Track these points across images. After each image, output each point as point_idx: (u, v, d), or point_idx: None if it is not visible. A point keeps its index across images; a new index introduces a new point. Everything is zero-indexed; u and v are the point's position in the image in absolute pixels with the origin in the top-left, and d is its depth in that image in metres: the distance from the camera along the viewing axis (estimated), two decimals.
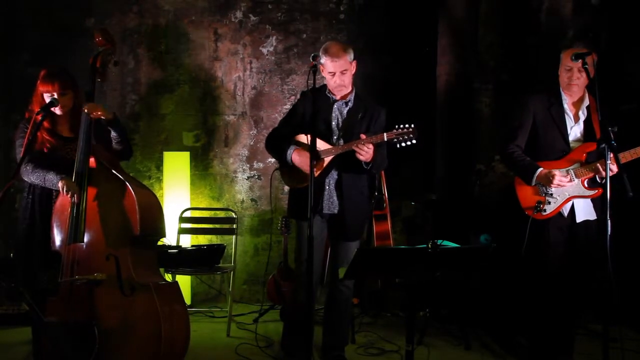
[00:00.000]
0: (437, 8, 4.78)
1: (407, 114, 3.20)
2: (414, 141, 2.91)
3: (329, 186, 3.16)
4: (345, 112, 3.20)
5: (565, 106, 3.23)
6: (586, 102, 3.23)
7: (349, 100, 3.21)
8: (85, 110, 2.91)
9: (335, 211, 3.17)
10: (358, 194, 3.21)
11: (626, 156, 3.01)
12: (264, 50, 4.97)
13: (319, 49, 3.24)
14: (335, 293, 3.28)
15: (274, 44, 4.96)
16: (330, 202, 3.17)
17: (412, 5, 4.91)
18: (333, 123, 3.18)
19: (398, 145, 2.93)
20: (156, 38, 4.91)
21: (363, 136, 2.99)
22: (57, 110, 3.00)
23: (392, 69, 4.88)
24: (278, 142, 3.26)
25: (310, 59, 2.86)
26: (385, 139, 2.93)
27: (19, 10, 4.83)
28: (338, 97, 3.19)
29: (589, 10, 4.34)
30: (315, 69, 2.83)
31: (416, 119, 3.00)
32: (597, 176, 3.10)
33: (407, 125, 2.90)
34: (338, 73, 3.10)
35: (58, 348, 2.74)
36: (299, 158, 3.12)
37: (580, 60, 2.97)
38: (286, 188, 4.70)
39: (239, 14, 4.95)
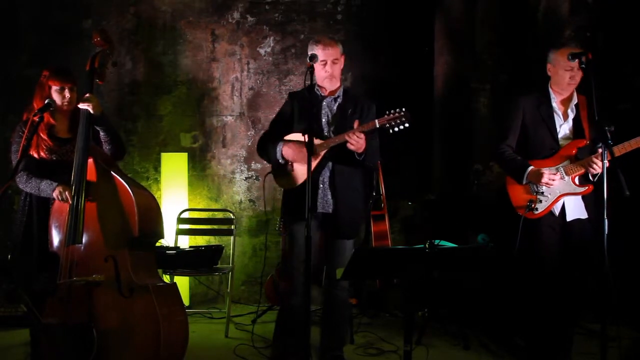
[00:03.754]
0: (434, 8, 4.79)
1: None
2: (406, 125, 2.86)
3: (323, 184, 3.12)
4: (334, 108, 3.17)
5: (554, 105, 3.24)
6: (574, 100, 3.24)
7: (338, 96, 3.18)
8: (85, 97, 2.92)
9: (330, 210, 3.12)
10: (353, 192, 3.17)
11: (614, 151, 3.01)
12: (262, 51, 4.97)
13: None
14: (332, 295, 3.22)
15: (272, 44, 4.96)
16: (325, 200, 3.12)
17: (409, 6, 4.91)
18: (323, 120, 3.15)
19: (391, 131, 2.88)
20: (153, 39, 4.91)
21: (356, 123, 2.95)
22: (63, 106, 3.01)
23: (389, 69, 4.89)
24: (268, 143, 3.20)
25: (308, 59, 2.86)
26: (378, 125, 2.89)
27: (17, 12, 4.83)
28: (327, 93, 3.15)
29: (586, 10, 4.35)
30: (312, 70, 2.82)
31: (414, 118, 3.00)
32: (588, 173, 3.09)
33: (397, 110, 2.87)
34: (329, 62, 3.07)
35: (56, 350, 2.74)
36: (290, 150, 3.06)
37: (577, 60, 2.98)
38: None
39: (236, 15, 4.95)
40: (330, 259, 3.18)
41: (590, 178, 3.09)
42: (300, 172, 3.07)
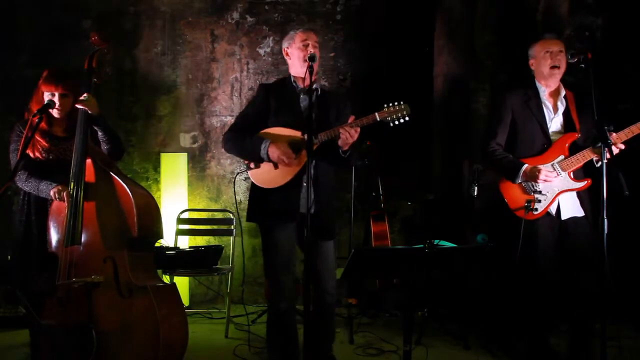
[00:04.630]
0: (434, 8, 4.79)
1: None
2: (407, 118, 2.81)
3: (306, 183, 2.89)
4: (313, 100, 2.96)
5: (543, 98, 3.20)
6: (562, 92, 3.22)
7: (316, 89, 3.07)
8: (82, 97, 2.90)
9: (312, 211, 2.84)
10: (331, 190, 3.09)
11: (621, 137, 2.98)
12: (261, 51, 4.97)
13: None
14: (321, 299, 3.04)
15: (271, 44, 4.96)
16: (310, 201, 2.87)
17: (408, 6, 4.91)
18: (305, 112, 2.97)
19: (392, 124, 2.82)
20: (153, 39, 4.91)
21: (352, 118, 2.85)
22: (54, 113, 3.01)
23: (388, 70, 4.89)
24: (243, 138, 2.99)
25: (307, 59, 2.85)
26: (378, 119, 2.81)
27: (16, 12, 4.82)
28: (304, 85, 2.99)
29: (585, 10, 4.35)
30: (312, 70, 2.79)
31: (413, 118, 2.98)
32: (593, 163, 3.05)
33: (397, 103, 2.81)
34: (311, 44, 3.00)
35: (56, 350, 2.73)
36: (278, 150, 2.87)
37: (559, 44, 3.08)
38: None
39: (235, 15, 4.95)
40: (316, 262, 2.98)
41: (595, 164, 2.98)
42: (286, 170, 2.93)
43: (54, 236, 2.91)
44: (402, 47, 4.91)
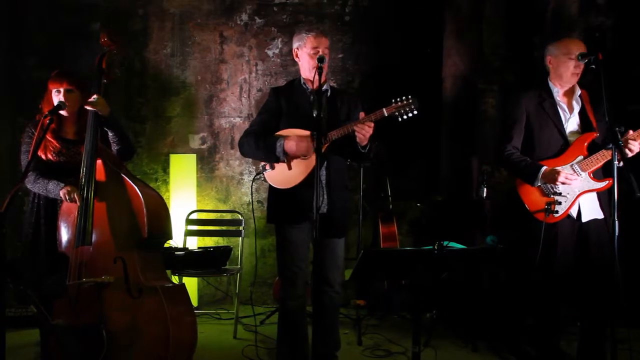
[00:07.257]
0: (443, 9, 4.78)
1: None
2: (415, 112, 2.80)
3: (320, 183, 2.91)
4: (323, 102, 2.99)
5: (558, 98, 3.13)
6: (577, 91, 3.14)
7: (326, 90, 3.08)
8: (92, 99, 2.91)
9: (325, 210, 2.97)
10: (344, 189, 3.10)
11: None
12: (270, 53, 4.98)
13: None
14: (328, 297, 3.06)
15: (280, 46, 4.97)
16: (320, 200, 2.94)
17: (418, 7, 4.91)
18: (314, 114, 2.91)
19: (400, 119, 2.82)
20: (162, 41, 4.93)
21: (362, 114, 2.86)
22: (62, 111, 3.03)
23: (397, 70, 4.88)
24: (258, 141, 3.03)
25: (316, 60, 2.85)
26: (386, 114, 2.81)
27: (25, 14, 4.85)
28: (314, 87, 2.96)
29: (596, 11, 4.32)
30: (321, 71, 2.80)
31: (422, 119, 2.98)
32: (613, 162, 2.97)
33: (404, 97, 2.82)
34: (322, 51, 2.99)
35: (66, 350, 2.75)
36: (293, 143, 2.91)
37: (582, 48, 2.99)
38: None
39: (244, 17, 4.96)
40: (325, 260, 3.00)
41: (618, 164, 2.78)
42: (299, 170, 2.97)
43: (64, 237, 2.93)
44: (411, 48, 4.90)
